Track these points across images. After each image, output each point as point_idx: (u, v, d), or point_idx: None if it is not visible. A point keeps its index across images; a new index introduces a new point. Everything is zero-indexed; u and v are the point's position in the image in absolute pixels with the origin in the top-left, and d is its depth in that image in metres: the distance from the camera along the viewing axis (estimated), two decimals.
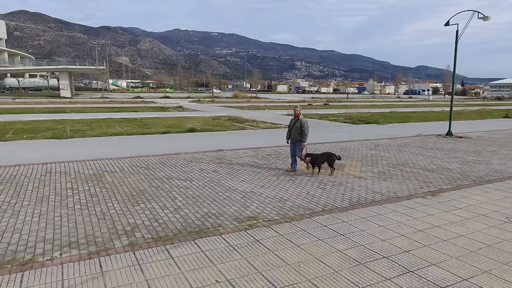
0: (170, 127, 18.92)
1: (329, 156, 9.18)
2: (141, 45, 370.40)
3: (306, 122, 9.28)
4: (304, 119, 9.35)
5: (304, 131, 9.18)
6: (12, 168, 9.32)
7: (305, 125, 9.21)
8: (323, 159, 9.07)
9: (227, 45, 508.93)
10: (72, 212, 6.21)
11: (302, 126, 9.19)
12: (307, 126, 9.26)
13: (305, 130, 9.17)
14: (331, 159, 9.11)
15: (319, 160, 8.96)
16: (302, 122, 9.24)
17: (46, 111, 28.34)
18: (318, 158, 8.98)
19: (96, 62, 71.41)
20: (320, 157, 9.09)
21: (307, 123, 9.30)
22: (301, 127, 9.20)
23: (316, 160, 8.91)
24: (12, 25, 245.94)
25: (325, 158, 9.14)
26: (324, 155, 9.25)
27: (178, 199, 6.99)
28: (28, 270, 4.24)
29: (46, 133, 15.90)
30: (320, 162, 8.99)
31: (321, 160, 9.02)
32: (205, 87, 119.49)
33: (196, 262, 4.50)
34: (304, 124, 9.20)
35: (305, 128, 9.18)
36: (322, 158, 9.09)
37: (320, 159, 9.00)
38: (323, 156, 9.17)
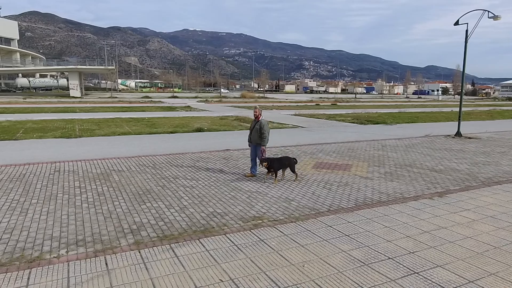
0: (178, 126, 19.02)
1: (289, 161, 8.50)
2: (150, 45, 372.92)
3: (266, 124, 8.63)
4: (264, 121, 8.68)
5: (263, 134, 8.50)
6: (22, 166, 9.46)
7: (264, 127, 8.52)
8: (280, 164, 8.36)
9: (235, 45, 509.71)
10: (79, 210, 6.28)
11: (262, 129, 8.49)
12: (267, 128, 8.58)
13: (264, 132, 8.49)
14: (292, 163, 8.46)
15: (276, 165, 8.23)
16: (262, 124, 8.55)
17: (56, 111, 28.69)
18: (275, 163, 8.25)
19: (105, 62, 72.05)
20: (277, 161, 8.35)
21: (267, 126, 8.65)
22: (260, 130, 8.51)
23: (272, 165, 8.19)
24: (24, 26, 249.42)
25: (284, 162, 8.44)
26: (283, 160, 8.52)
27: (184, 198, 7.03)
28: (36, 267, 4.31)
29: (56, 132, 16.10)
30: (277, 167, 8.26)
31: (278, 165, 8.30)
32: (213, 87, 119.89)
33: (201, 261, 4.52)
34: (263, 127, 8.51)
35: (265, 130, 8.50)
36: (279, 162, 8.35)
37: (276, 164, 8.27)
38: (280, 161, 8.44)
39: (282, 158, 8.63)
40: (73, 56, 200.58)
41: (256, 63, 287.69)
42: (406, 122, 24.97)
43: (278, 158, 8.59)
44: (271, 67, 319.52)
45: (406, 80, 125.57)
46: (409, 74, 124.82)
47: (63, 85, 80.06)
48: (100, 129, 17.62)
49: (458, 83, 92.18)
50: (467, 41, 16.55)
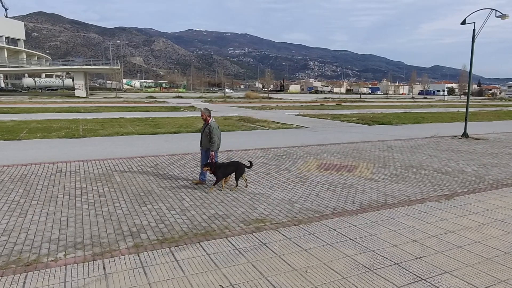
0: (181, 127, 18.95)
1: (237, 166, 7.76)
2: (155, 45, 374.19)
3: (216, 128, 7.93)
4: (214, 124, 7.95)
5: (212, 138, 7.83)
6: (24, 167, 9.42)
7: (214, 130, 7.84)
8: (226, 170, 7.72)
9: (240, 45, 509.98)
10: (79, 212, 6.20)
11: (211, 132, 7.82)
12: (216, 132, 7.90)
13: (213, 136, 7.82)
14: (240, 169, 7.72)
15: (220, 171, 7.60)
16: (211, 127, 7.86)
17: (60, 111, 28.76)
18: (220, 169, 7.62)
19: (110, 62, 72.31)
20: (223, 167, 7.70)
21: (217, 129, 7.96)
22: (209, 133, 7.85)
23: (217, 171, 7.58)
24: (30, 26, 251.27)
25: (231, 168, 7.76)
26: (230, 165, 7.83)
27: (186, 200, 6.92)
28: (32, 271, 4.21)
29: (59, 132, 16.08)
30: (221, 173, 7.62)
31: (224, 171, 7.67)
32: (217, 87, 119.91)
33: (201, 265, 4.41)
34: (212, 130, 7.83)
35: (214, 134, 7.83)
36: (225, 168, 7.71)
37: (222, 170, 7.63)
38: (227, 166, 7.77)
39: (229, 164, 7.90)
40: (78, 56, 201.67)
41: (261, 63, 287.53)
42: (411, 122, 24.72)
43: (225, 164, 7.92)
44: (276, 67, 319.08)
45: (411, 80, 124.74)
46: (415, 74, 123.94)
47: (69, 85, 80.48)
48: (103, 129, 17.59)
49: (464, 83, 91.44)
50: (474, 40, 16.31)
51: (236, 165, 7.83)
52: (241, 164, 7.82)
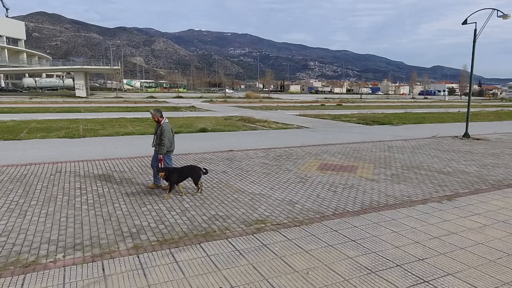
0: (182, 127, 18.91)
1: (193, 170, 7.40)
2: (155, 45, 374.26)
3: (168, 130, 7.51)
4: (166, 126, 7.51)
5: (162, 140, 7.40)
6: (23, 167, 9.38)
7: (165, 132, 7.43)
8: (181, 175, 7.31)
9: (241, 45, 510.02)
10: (78, 212, 6.15)
11: (162, 134, 7.44)
12: (168, 134, 7.48)
13: (163, 139, 7.40)
14: (196, 173, 7.33)
15: (174, 176, 7.15)
16: (163, 129, 7.45)
17: (60, 111, 28.73)
18: (174, 174, 7.17)
19: (111, 62, 72.30)
20: (178, 172, 7.26)
21: (169, 131, 7.54)
22: (160, 135, 7.46)
23: (171, 176, 7.13)
24: (31, 26, 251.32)
25: (186, 172, 7.38)
26: (185, 170, 7.46)
27: (186, 201, 6.88)
28: (31, 272, 4.17)
29: (60, 132, 16.05)
30: (176, 178, 7.18)
31: (178, 176, 7.22)
32: (218, 87, 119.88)
33: (201, 267, 4.36)
34: (164, 132, 7.43)
35: (165, 136, 7.41)
36: (180, 173, 7.27)
37: (176, 175, 7.19)
38: (182, 171, 7.37)
39: (183, 169, 7.53)
40: (79, 56, 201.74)
41: (261, 63, 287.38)
42: (412, 122, 24.67)
43: (179, 169, 7.48)
44: (276, 67, 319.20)
45: (412, 80, 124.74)
46: (415, 75, 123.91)
47: (69, 85, 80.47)
48: (104, 129, 17.55)
49: (465, 84, 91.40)
50: (476, 40, 16.25)
51: (191, 169, 7.46)
52: (197, 168, 7.42)
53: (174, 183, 7.17)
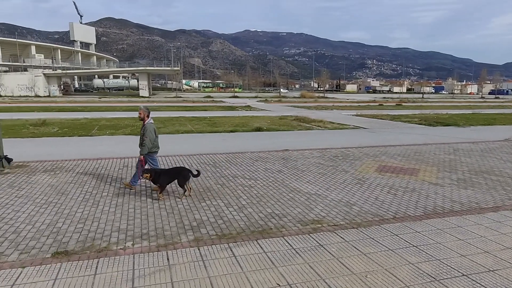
0: (238, 126, 19.31)
1: (179, 173, 7.07)
2: (212, 46, 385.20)
3: (150, 130, 7.28)
4: (149, 126, 7.29)
5: (144, 140, 7.22)
6: (95, 161, 10.19)
7: (147, 132, 7.21)
8: (168, 177, 7.07)
9: (295, 44, 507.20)
10: (144, 205, 6.57)
11: (144, 134, 7.26)
12: (150, 134, 7.24)
13: (145, 139, 7.19)
14: (182, 176, 7.00)
15: (162, 178, 6.93)
16: (145, 128, 7.26)
17: (126, 109, 30.70)
18: (161, 176, 6.95)
19: (171, 64, 75.81)
20: (164, 174, 7.06)
21: (151, 132, 7.29)
22: (142, 135, 7.32)
23: (157, 178, 6.92)
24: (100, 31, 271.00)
25: (173, 175, 7.12)
26: (171, 172, 7.22)
27: (243, 198, 7.04)
28: (103, 257, 4.55)
29: (126, 130, 17.19)
30: (163, 180, 6.97)
31: (165, 178, 7.00)
32: (272, 87, 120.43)
33: (258, 263, 4.46)
34: (146, 132, 7.23)
35: (147, 136, 7.19)
36: (166, 175, 7.05)
37: (163, 177, 6.96)
38: (168, 173, 7.14)
39: (170, 170, 7.35)
40: (142, 58, 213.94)
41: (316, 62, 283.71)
42: (481, 124, 22.89)
43: (166, 170, 7.34)
44: (332, 67, 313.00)
45: (481, 78, 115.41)
46: (485, 72, 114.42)
47: (134, 85, 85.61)
48: (165, 127, 18.48)
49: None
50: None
51: (178, 171, 7.16)
52: (185, 170, 7.10)
53: (163, 184, 6.98)
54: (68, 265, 4.34)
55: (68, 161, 10.05)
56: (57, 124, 18.75)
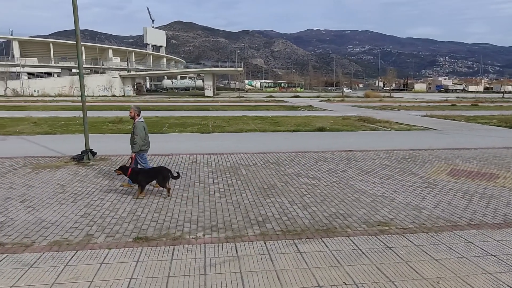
0: (300, 125, 19.32)
1: (159, 173, 6.99)
2: (274, 46, 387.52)
3: (140, 128, 7.38)
4: (139, 124, 7.41)
5: (134, 139, 7.34)
6: (167, 156, 10.90)
7: (137, 130, 7.33)
8: (147, 176, 7.03)
9: (360, 42, 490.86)
10: (212, 198, 6.93)
11: (134, 132, 7.39)
12: (140, 132, 7.34)
13: (135, 137, 7.31)
14: (162, 176, 6.92)
15: (140, 177, 6.91)
16: (135, 127, 7.40)
17: (193, 108, 32.21)
18: (139, 175, 6.94)
19: (235, 64, 77.77)
20: (143, 173, 7.03)
21: (141, 130, 7.38)
22: (133, 133, 7.44)
23: (136, 177, 6.93)
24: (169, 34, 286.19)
25: (152, 174, 7.06)
26: (151, 171, 7.18)
27: (306, 196, 7.10)
28: (178, 245, 4.92)
29: (193, 128, 18.08)
30: (142, 179, 6.92)
31: (144, 177, 6.96)
32: (335, 86, 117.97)
33: (323, 260, 4.51)
34: (135, 130, 7.36)
35: (137, 134, 7.31)
36: (145, 174, 7.03)
37: (142, 176, 6.94)
38: (148, 173, 7.12)
39: (150, 170, 7.32)
40: (207, 59, 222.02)
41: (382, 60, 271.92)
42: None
43: (145, 170, 7.35)
44: (399, 65, 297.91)
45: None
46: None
47: (199, 85, 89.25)
48: (229, 126, 19.10)
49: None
50: None
51: (157, 171, 7.12)
52: (165, 171, 7.03)
53: (142, 183, 6.97)
54: (148, 249, 4.76)
55: None
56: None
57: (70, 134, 15.76)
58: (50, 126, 18.19)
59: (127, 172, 6.96)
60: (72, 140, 13.93)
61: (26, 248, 4.79)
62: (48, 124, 18.90)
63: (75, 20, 9.81)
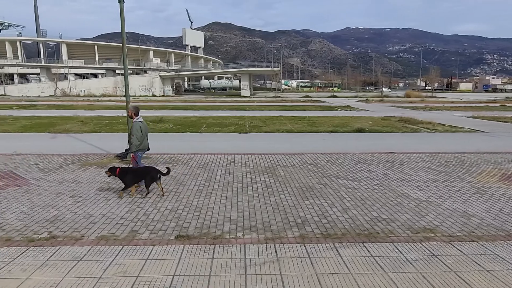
0: (338, 126, 18.99)
1: (147, 173, 7.06)
2: (311, 46, 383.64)
3: (137, 128, 7.38)
4: (136, 124, 7.41)
5: (131, 139, 7.43)
6: (205, 156, 11.08)
7: (133, 131, 7.36)
8: (135, 176, 7.09)
9: (400, 40, 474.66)
10: (251, 199, 6.96)
11: (131, 133, 7.47)
12: (136, 132, 7.34)
13: (132, 137, 7.37)
14: (150, 176, 6.99)
15: (128, 177, 6.99)
16: (132, 127, 7.45)
17: (229, 108, 32.55)
18: (128, 174, 7.01)
19: (271, 64, 77.83)
20: (131, 173, 7.09)
21: (138, 129, 7.37)
22: (129, 134, 7.51)
23: (124, 176, 6.99)
24: (207, 35, 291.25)
25: (140, 174, 7.12)
26: (139, 171, 7.22)
27: (346, 199, 6.96)
28: (218, 244, 4.98)
29: (230, 127, 18.27)
30: (129, 179, 7.00)
31: (131, 177, 7.03)
32: (373, 86, 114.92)
33: (366, 266, 4.39)
34: (131, 129, 7.43)
35: (133, 134, 7.35)
36: (133, 174, 7.08)
37: (129, 176, 7.01)
38: (135, 172, 7.16)
39: (138, 169, 7.31)
40: (244, 59, 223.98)
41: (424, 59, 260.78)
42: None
43: (133, 169, 7.34)
44: (442, 63, 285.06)
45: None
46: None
47: (236, 85, 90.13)
48: (266, 126, 19.12)
49: None
50: None
51: (145, 171, 7.17)
52: (153, 170, 7.10)
53: (128, 183, 7.05)
54: (189, 247, 4.87)
55: (183, 155, 11.13)
56: (171, 121, 20.83)
57: (114, 133, 16.44)
58: (95, 125, 19.08)
59: (116, 172, 7.02)
60: (116, 138, 14.53)
61: (76, 242, 5.05)
62: (94, 123, 19.83)
63: (122, 24, 10.21)
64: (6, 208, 6.38)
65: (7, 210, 6.29)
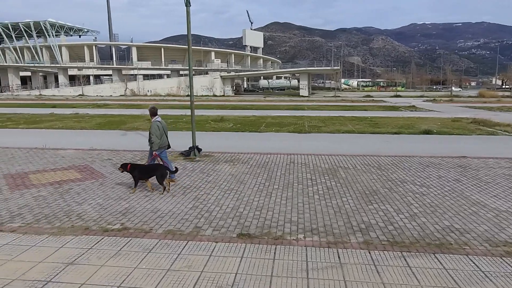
0: (402, 127, 18.05)
1: (156, 170, 7.42)
2: (373, 44, 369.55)
3: (155, 127, 7.77)
4: (154, 124, 7.82)
5: (151, 138, 7.80)
6: (265, 155, 11.15)
7: (152, 129, 7.77)
8: (143, 172, 7.45)
9: (473, 36, 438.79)
10: (312, 201, 6.85)
11: (150, 132, 7.86)
12: (154, 131, 7.75)
13: (152, 136, 7.77)
14: (160, 173, 7.29)
15: (136, 172, 7.36)
16: (151, 126, 7.84)
17: (288, 108, 32.47)
18: (136, 169, 7.40)
19: (331, 63, 76.23)
20: (141, 168, 7.52)
21: (156, 129, 7.77)
22: (149, 133, 7.89)
23: (133, 170, 7.36)
24: (266, 35, 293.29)
25: (150, 171, 7.48)
26: (149, 168, 7.58)
27: (414, 206, 6.57)
28: (279, 245, 4.97)
29: (289, 127, 18.20)
30: (137, 174, 7.36)
31: (139, 173, 7.38)
32: (441, 84, 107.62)
33: (438, 279, 4.10)
34: (150, 129, 7.83)
35: (152, 133, 7.75)
36: (142, 170, 7.48)
37: (138, 171, 7.39)
38: (145, 168, 7.57)
39: (148, 166, 7.68)
40: (303, 59, 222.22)
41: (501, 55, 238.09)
42: None
43: (143, 165, 7.84)
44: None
45: None
46: None
47: (294, 85, 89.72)
48: (325, 126, 18.76)
49: None
50: None
51: (155, 168, 7.55)
52: (162, 167, 7.49)
53: (135, 178, 7.41)
54: (251, 246, 4.91)
55: (243, 154, 11.29)
56: (232, 120, 21.29)
57: (178, 131, 17.18)
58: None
59: (127, 168, 7.45)
60: (180, 136, 15.14)
61: (145, 234, 5.34)
62: None
63: (188, 26, 10.63)
64: (84, 199, 6.96)
65: (86, 201, 6.85)
